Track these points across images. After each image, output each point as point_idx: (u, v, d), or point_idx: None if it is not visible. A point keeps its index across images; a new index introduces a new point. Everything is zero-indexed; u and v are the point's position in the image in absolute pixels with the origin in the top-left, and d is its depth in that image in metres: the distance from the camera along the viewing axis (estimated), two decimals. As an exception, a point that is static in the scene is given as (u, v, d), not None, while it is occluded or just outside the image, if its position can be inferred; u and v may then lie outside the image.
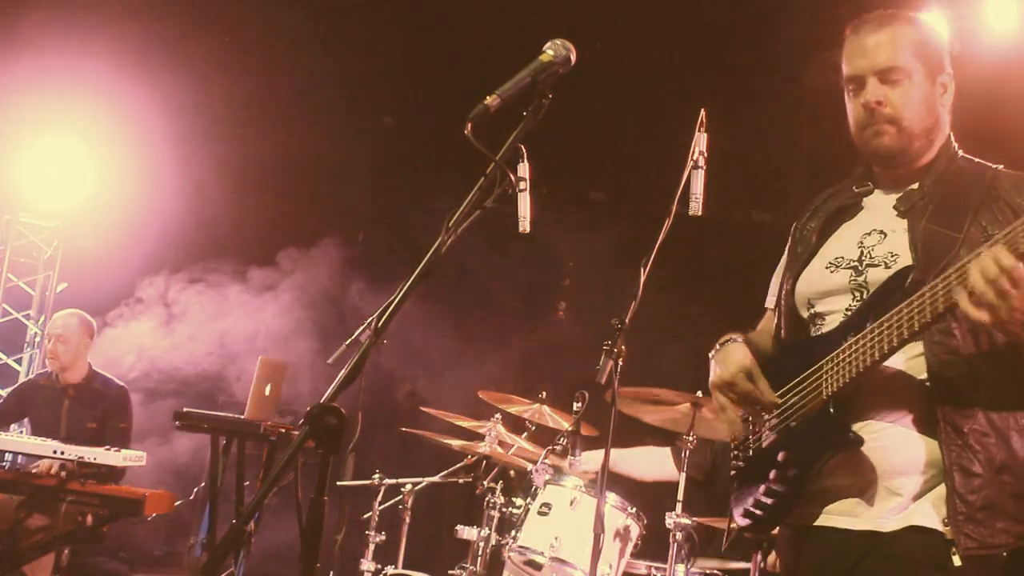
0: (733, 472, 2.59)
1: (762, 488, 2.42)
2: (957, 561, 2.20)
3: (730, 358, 2.54)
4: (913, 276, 2.27)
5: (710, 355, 2.62)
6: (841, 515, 2.34)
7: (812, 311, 2.51)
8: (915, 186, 2.47)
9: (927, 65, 2.45)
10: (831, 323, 2.44)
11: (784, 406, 2.43)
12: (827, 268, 2.49)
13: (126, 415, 6.25)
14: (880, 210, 2.50)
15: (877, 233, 2.45)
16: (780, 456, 2.40)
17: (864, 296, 2.39)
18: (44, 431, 5.99)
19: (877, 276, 2.37)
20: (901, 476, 2.28)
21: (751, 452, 2.54)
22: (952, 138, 2.52)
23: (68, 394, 6.20)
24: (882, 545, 2.27)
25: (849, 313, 2.40)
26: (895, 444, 2.30)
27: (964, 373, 2.26)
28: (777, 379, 2.46)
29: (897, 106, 2.42)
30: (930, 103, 2.45)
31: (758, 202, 8.05)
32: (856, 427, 2.31)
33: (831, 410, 2.33)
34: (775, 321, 2.66)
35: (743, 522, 2.50)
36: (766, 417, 2.48)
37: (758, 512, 2.44)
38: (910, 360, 2.31)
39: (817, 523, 2.38)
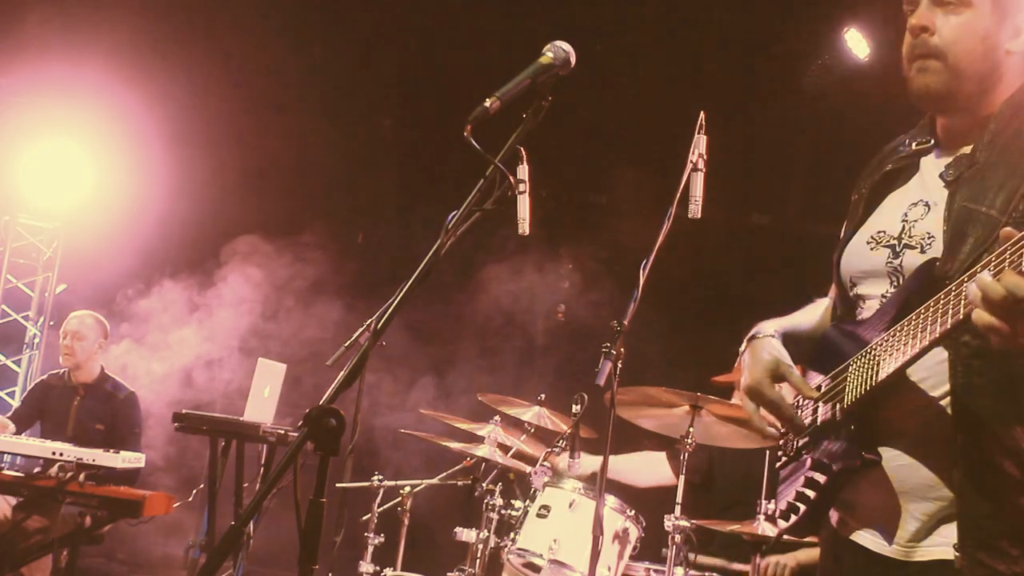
0: (778, 465, 2.38)
1: (793, 493, 2.25)
2: None
3: (756, 359, 2.26)
4: (938, 269, 1.97)
5: (740, 350, 2.36)
6: (870, 534, 2.14)
7: (855, 291, 2.23)
8: (967, 149, 2.10)
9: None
10: (869, 309, 2.17)
11: (820, 399, 2.21)
12: (868, 244, 2.19)
13: (136, 420, 6.28)
14: (932, 176, 2.15)
15: (923, 205, 2.13)
16: (808, 461, 2.21)
17: (899, 283, 2.11)
18: (53, 430, 6.04)
19: (912, 261, 2.07)
20: (923, 500, 2.03)
21: (792, 449, 2.34)
22: None
23: (79, 393, 6.25)
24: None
25: (884, 300, 2.13)
26: (916, 464, 2.03)
27: (996, 380, 1.92)
28: (821, 366, 2.24)
29: (946, 36, 2.06)
30: (991, 43, 2.06)
31: (758, 204, 8.05)
32: (879, 442, 2.06)
33: (851, 425, 2.09)
34: (833, 292, 2.39)
35: (781, 524, 2.28)
36: (801, 428, 2.22)
37: (792, 515, 2.24)
38: (937, 365, 1.99)
39: (852, 536, 2.19)
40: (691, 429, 4.40)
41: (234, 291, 7.64)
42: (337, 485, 5.53)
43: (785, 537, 2.37)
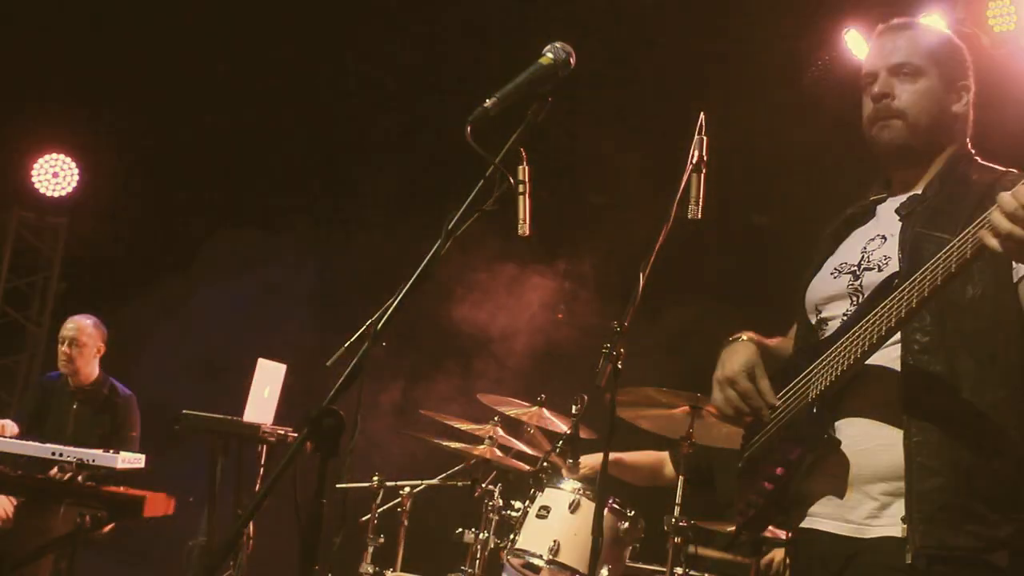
0: (738, 474, 2.63)
1: (754, 487, 2.48)
2: (908, 559, 2.17)
3: (736, 355, 2.54)
4: (897, 280, 2.25)
5: (721, 350, 2.63)
6: (826, 518, 2.36)
7: (819, 316, 2.52)
8: (919, 191, 2.45)
9: (942, 70, 2.47)
10: (832, 328, 2.45)
11: (779, 408, 2.46)
12: (831, 274, 2.51)
13: (134, 423, 6.28)
14: (887, 215, 2.50)
15: (879, 238, 2.45)
16: (768, 456, 2.46)
17: (860, 300, 2.39)
18: (53, 433, 6.03)
19: (871, 280, 2.38)
20: (879, 481, 2.28)
21: (750, 453, 2.59)
22: (968, 147, 2.52)
23: (77, 397, 6.25)
24: (862, 552, 2.27)
25: (846, 318, 2.40)
26: (873, 448, 2.29)
27: (940, 372, 2.24)
28: (782, 384, 2.48)
29: (904, 99, 2.44)
30: (941, 104, 2.46)
31: (758, 205, 8.05)
32: (839, 429, 2.32)
33: (814, 411, 2.35)
34: (794, 329, 2.69)
35: (738, 520, 2.56)
36: (766, 418, 2.49)
37: (750, 510, 2.49)
38: (890, 361, 2.30)
39: (805, 524, 2.41)
40: (691, 430, 4.40)
41: (234, 291, 7.64)
42: (337, 486, 5.53)
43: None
